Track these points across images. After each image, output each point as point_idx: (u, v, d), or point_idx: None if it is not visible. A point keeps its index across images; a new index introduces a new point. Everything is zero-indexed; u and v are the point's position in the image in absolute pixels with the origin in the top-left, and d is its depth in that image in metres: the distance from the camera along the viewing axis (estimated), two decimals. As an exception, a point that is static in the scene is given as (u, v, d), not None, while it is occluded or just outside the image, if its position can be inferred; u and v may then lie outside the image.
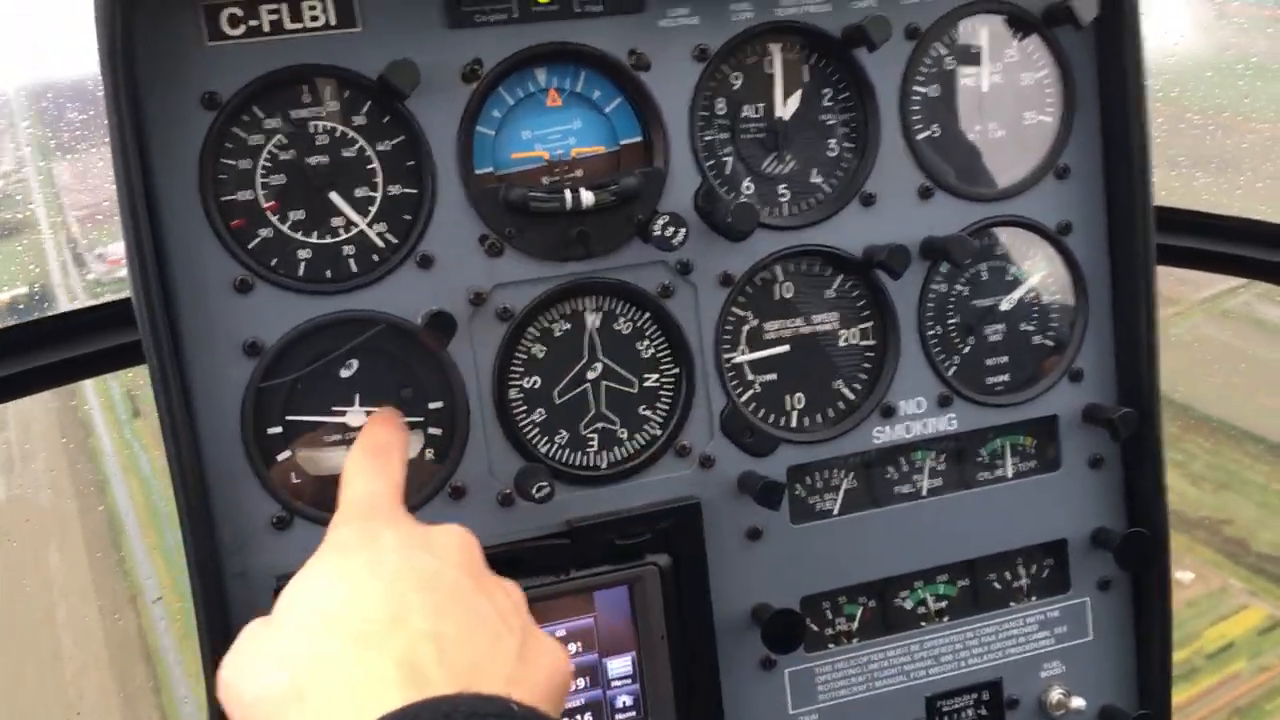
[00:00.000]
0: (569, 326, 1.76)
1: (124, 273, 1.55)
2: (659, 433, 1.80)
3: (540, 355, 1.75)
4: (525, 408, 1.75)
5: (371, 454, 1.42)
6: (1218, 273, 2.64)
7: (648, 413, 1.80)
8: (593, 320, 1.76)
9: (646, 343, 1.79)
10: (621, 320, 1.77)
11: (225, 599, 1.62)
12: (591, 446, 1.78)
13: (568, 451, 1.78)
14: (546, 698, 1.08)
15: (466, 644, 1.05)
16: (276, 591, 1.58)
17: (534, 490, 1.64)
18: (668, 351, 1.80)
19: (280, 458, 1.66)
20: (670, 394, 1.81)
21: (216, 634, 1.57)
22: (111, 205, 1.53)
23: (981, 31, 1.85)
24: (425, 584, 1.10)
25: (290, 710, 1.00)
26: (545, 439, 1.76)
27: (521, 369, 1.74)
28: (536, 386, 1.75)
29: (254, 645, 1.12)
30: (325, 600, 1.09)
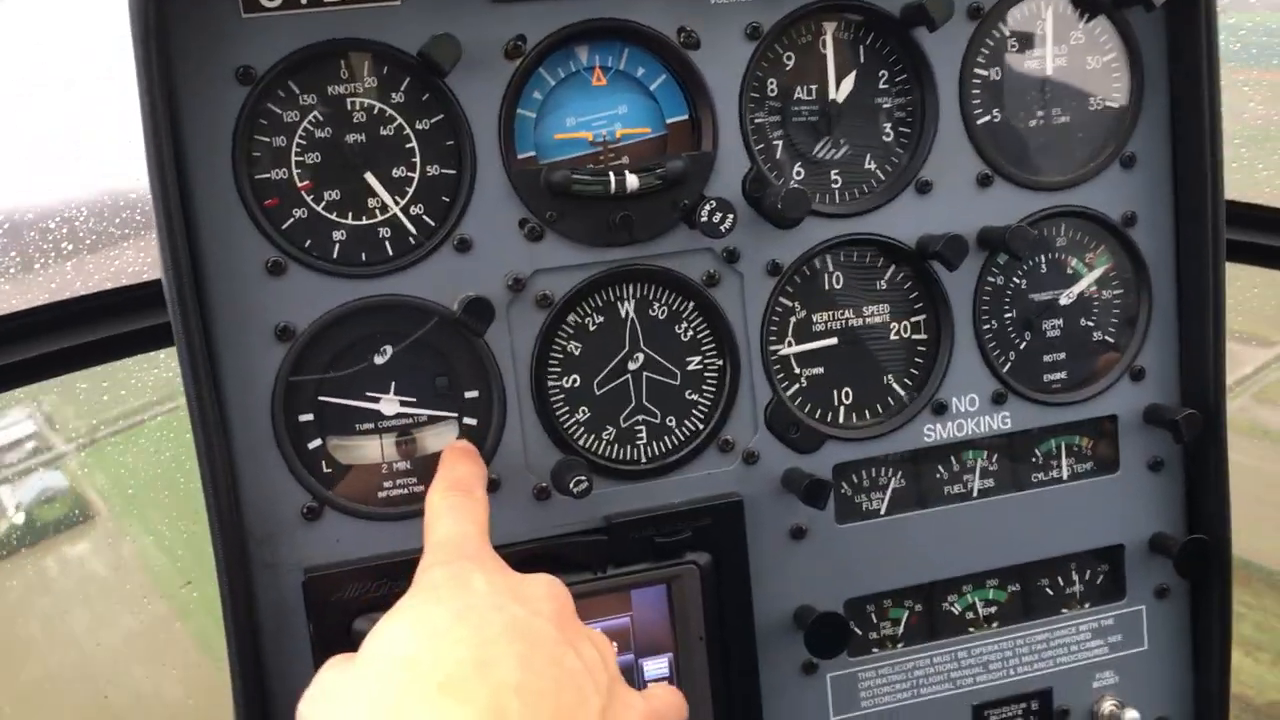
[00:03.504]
0: (603, 319, 1.69)
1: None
2: (701, 426, 1.74)
3: (577, 352, 1.68)
4: (567, 407, 1.69)
5: (454, 491, 1.39)
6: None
7: (691, 403, 1.73)
8: (628, 308, 1.70)
9: (684, 325, 1.72)
10: (657, 306, 1.71)
11: (252, 591, 1.57)
12: (640, 439, 1.72)
13: (608, 445, 1.72)
14: None
15: (551, 700, 1.02)
16: (305, 585, 1.57)
17: (571, 484, 1.59)
18: (708, 333, 1.73)
19: (311, 446, 1.61)
20: (713, 386, 1.74)
21: (243, 627, 1.53)
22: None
23: (1047, 12, 1.77)
24: (514, 633, 1.07)
25: None
26: (585, 433, 1.70)
27: (559, 368, 1.68)
28: (576, 384, 1.69)
29: (336, 686, 1.09)
30: (412, 646, 1.06)
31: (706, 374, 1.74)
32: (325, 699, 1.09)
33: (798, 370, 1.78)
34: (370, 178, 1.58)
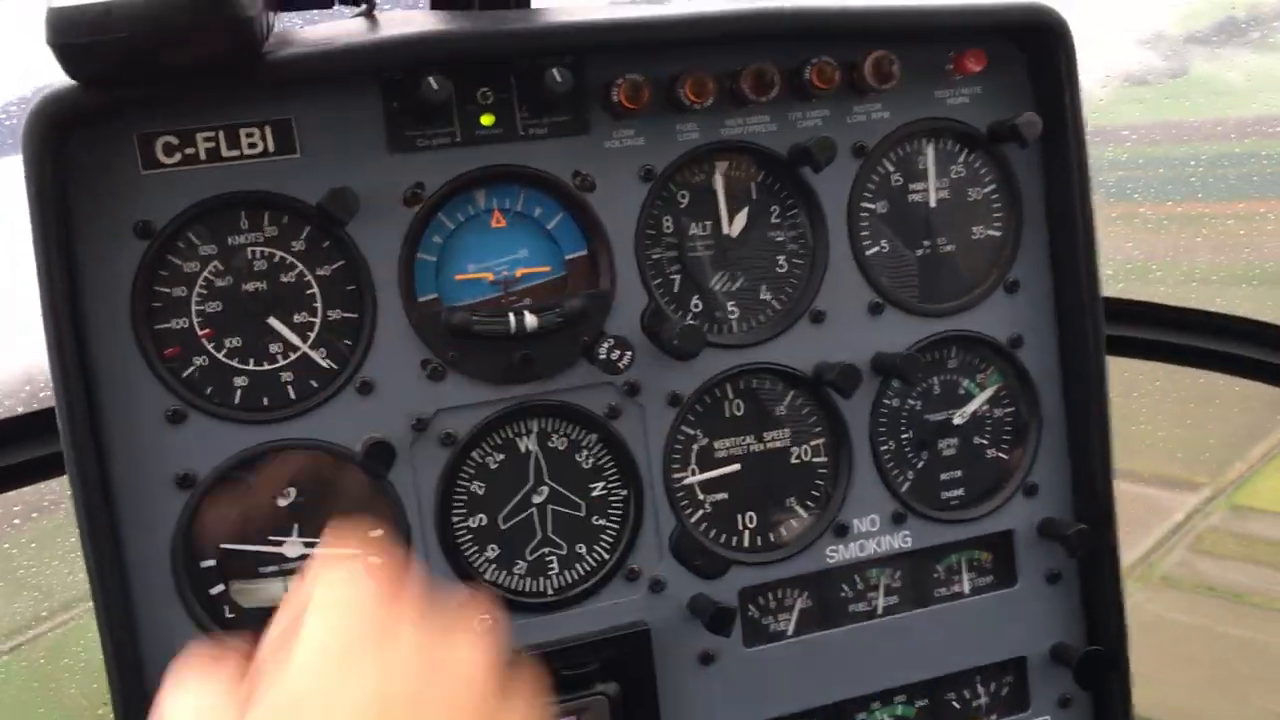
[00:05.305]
0: (504, 457, 1.72)
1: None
2: (608, 555, 1.76)
3: (481, 491, 1.71)
4: (475, 546, 1.71)
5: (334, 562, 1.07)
6: (1168, 363, 2.64)
7: (598, 529, 1.76)
8: (528, 444, 1.72)
9: (585, 453, 1.75)
10: (557, 437, 1.74)
11: None
12: (552, 569, 1.74)
13: (519, 579, 1.73)
14: None
15: None
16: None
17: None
18: (609, 459, 1.76)
19: (214, 592, 1.60)
20: (619, 512, 1.77)
21: None
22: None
23: (928, 148, 1.86)
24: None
25: None
26: (495, 569, 1.72)
27: (465, 509, 1.70)
28: (483, 523, 1.71)
29: None
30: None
31: (611, 499, 1.77)
32: None
33: (701, 497, 1.81)
34: (274, 322, 1.61)
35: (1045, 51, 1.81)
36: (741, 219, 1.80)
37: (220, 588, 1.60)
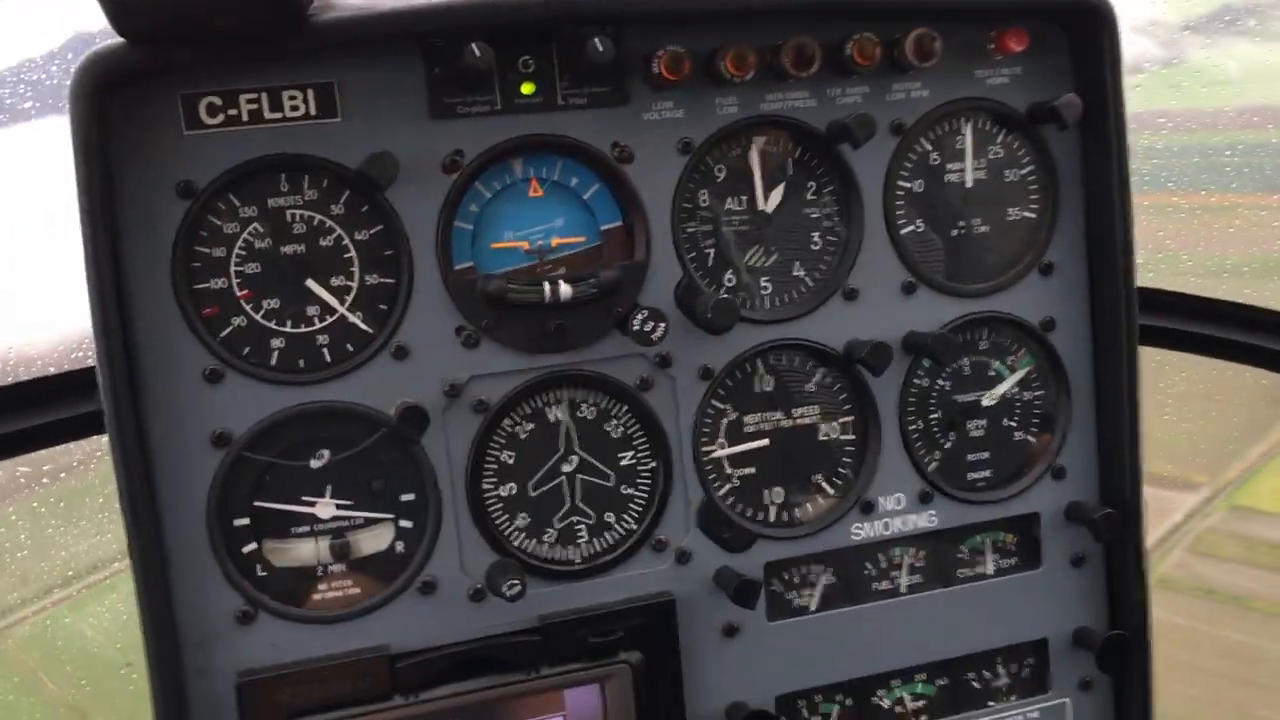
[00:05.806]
0: (534, 426, 1.73)
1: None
2: (636, 525, 1.77)
3: (511, 461, 1.72)
4: (506, 515, 1.72)
5: None
6: (1200, 355, 2.63)
7: (626, 498, 1.77)
8: (558, 414, 1.73)
9: (615, 422, 1.76)
10: (586, 407, 1.75)
11: (185, 697, 1.58)
12: (581, 537, 1.75)
13: (548, 547, 1.74)
14: None
15: None
16: (238, 689, 1.58)
17: (504, 588, 1.61)
18: (638, 428, 1.77)
19: (246, 550, 1.62)
20: (647, 482, 1.78)
21: None
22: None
23: (966, 128, 1.85)
24: None
25: None
26: (525, 537, 1.74)
27: (495, 477, 1.72)
28: (513, 492, 1.72)
29: None
30: None
31: (640, 470, 1.78)
32: None
33: (729, 470, 1.82)
34: (312, 284, 1.62)
35: (1089, 33, 1.80)
36: (777, 195, 1.80)
37: (253, 546, 1.62)
